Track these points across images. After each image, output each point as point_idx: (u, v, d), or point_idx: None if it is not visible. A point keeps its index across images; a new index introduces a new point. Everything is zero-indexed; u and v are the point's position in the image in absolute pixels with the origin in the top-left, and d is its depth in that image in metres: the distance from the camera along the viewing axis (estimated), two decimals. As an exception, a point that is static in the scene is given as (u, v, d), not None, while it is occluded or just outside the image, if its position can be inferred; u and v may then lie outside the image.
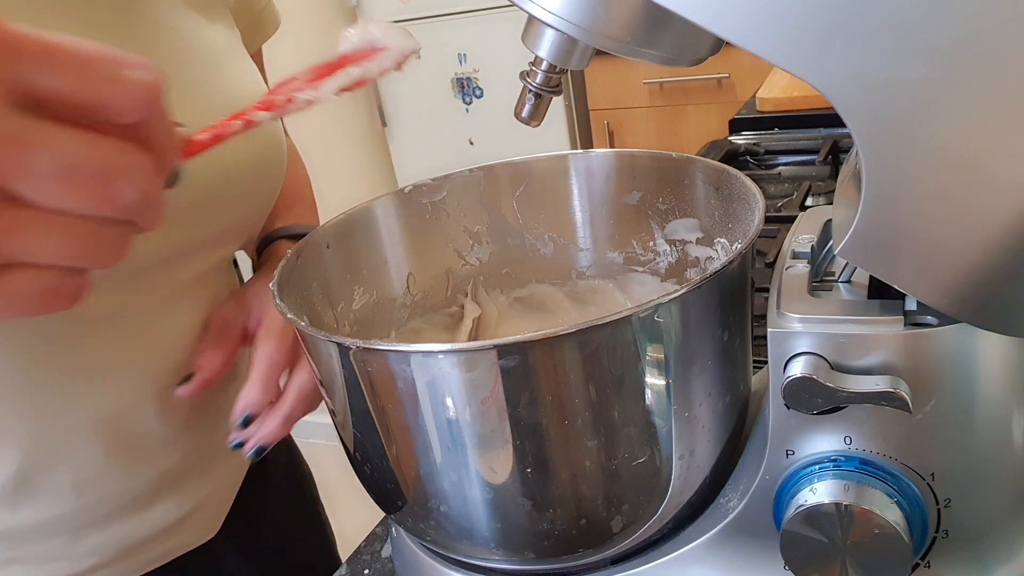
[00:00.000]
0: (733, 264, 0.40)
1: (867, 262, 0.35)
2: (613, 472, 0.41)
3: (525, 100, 0.41)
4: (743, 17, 0.30)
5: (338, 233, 0.53)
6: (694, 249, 0.55)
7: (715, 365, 0.41)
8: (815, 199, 0.95)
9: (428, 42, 2.28)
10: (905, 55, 0.29)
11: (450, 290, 0.60)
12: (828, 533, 0.39)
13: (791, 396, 0.38)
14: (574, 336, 0.36)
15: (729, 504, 0.44)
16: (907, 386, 0.37)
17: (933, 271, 0.33)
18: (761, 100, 1.27)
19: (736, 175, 0.49)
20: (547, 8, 0.35)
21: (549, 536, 0.42)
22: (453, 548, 0.46)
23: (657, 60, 0.36)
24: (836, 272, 0.42)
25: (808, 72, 0.30)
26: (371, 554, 0.57)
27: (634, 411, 0.40)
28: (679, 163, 0.54)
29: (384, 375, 0.39)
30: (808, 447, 0.40)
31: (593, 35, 0.35)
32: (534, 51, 0.38)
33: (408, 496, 0.44)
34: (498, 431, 0.39)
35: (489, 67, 2.27)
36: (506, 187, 0.59)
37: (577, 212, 0.59)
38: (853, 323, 0.38)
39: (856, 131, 0.31)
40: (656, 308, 0.37)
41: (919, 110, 0.30)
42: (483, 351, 0.37)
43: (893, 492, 0.38)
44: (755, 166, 1.13)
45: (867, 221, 0.33)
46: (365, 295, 0.55)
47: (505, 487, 0.40)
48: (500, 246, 0.60)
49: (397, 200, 0.56)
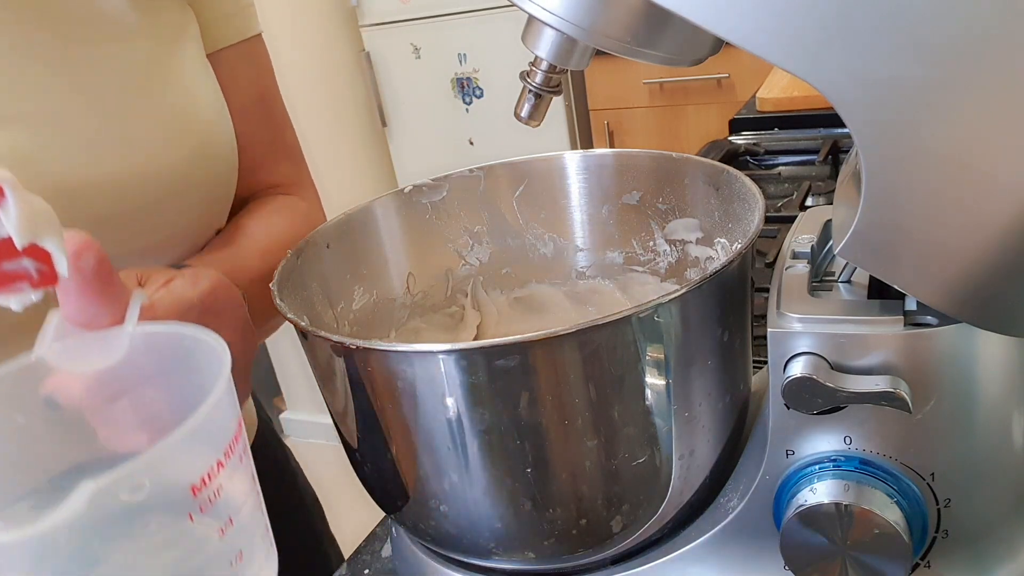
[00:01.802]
0: (733, 264, 0.40)
1: (867, 262, 0.35)
2: (613, 472, 0.41)
3: (525, 100, 0.41)
4: (743, 17, 0.30)
5: (338, 233, 0.53)
6: (694, 249, 0.55)
7: (715, 365, 0.41)
8: (815, 199, 0.95)
9: (428, 42, 2.29)
10: (905, 55, 0.29)
11: (450, 290, 0.60)
12: (828, 533, 0.39)
13: (791, 396, 0.38)
14: (574, 336, 0.36)
15: (729, 504, 0.44)
16: (907, 386, 0.37)
17: (933, 271, 0.33)
18: (761, 100, 1.27)
19: (736, 175, 0.49)
20: (547, 8, 0.35)
21: (549, 536, 0.42)
22: (453, 548, 0.46)
23: (657, 60, 0.36)
24: (836, 272, 0.42)
25: (808, 72, 0.30)
26: (371, 554, 0.57)
27: (634, 411, 0.40)
28: (679, 163, 0.54)
29: (384, 375, 0.39)
30: (808, 447, 0.40)
31: (593, 35, 0.35)
32: (534, 51, 0.38)
33: (408, 496, 0.44)
34: (498, 431, 0.39)
35: (489, 67, 2.26)
36: (506, 187, 0.59)
37: (577, 212, 0.59)
38: (853, 323, 0.38)
39: (856, 131, 0.31)
40: (656, 308, 0.37)
41: (919, 110, 0.30)
42: (483, 351, 0.37)
43: (893, 492, 0.38)
44: (755, 166, 1.13)
45: (867, 221, 0.33)
46: (365, 295, 0.55)
47: (505, 487, 0.40)
48: (500, 246, 0.60)
49: (397, 200, 0.56)
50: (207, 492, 0.31)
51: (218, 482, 0.32)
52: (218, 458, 0.32)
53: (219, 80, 0.61)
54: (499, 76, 2.25)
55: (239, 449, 0.34)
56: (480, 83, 2.29)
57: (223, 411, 0.33)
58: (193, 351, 0.36)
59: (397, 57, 2.34)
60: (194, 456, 0.32)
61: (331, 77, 2.36)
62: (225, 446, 0.33)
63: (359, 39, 2.37)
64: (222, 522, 0.33)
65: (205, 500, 0.31)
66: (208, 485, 0.31)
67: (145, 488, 0.29)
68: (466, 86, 2.32)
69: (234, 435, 0.33)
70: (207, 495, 0.31)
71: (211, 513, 0.32)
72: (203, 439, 0.32)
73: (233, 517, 0.33)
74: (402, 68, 2.36)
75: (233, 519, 0.33)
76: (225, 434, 0.33)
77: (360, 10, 2.31)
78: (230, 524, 0.33)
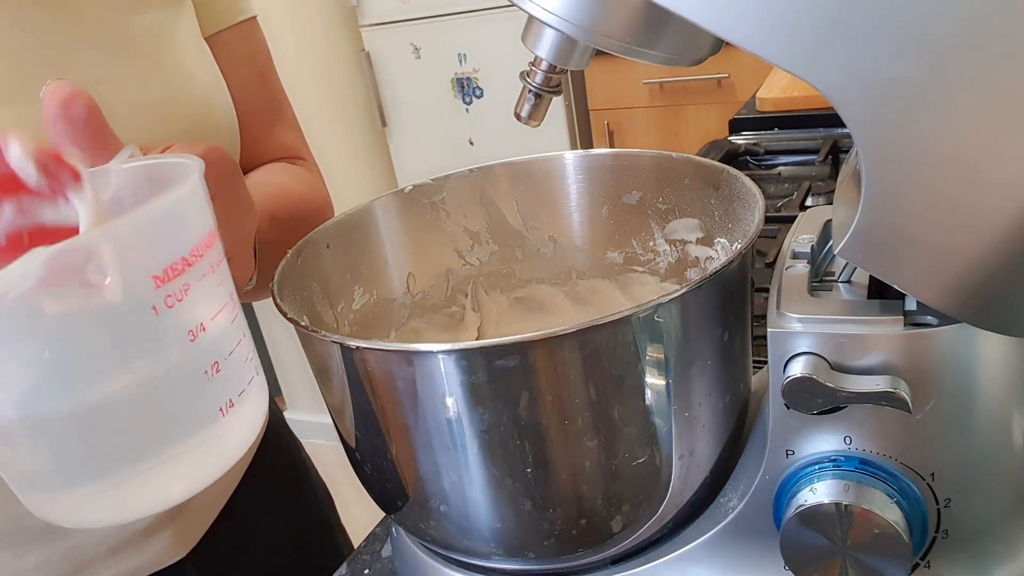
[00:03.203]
0: (733, 264, 0.40)
1: (867, 262, 0.35)
2: (613, 472, 0.41)
3: (525, 100, 0.41)
4: (743, 17, 0.30)
5: (338, 233, 0.53)
6: (694, 249, 0.55)
7: (715, 365, 0.41)
8: (815, 199, 0.95)
9: (428, 42, 2.29)
10: (905, 55, 0.29)
11: (450, 290, 0.60)
12: (828, 533, 0.39)
13: (791, 396, 0.38)
14: (574, 336, 0.36)
15: (729, 504, 0.44)
16: (907, 386, 0.37)
17: (933, 271, 0.33)
18: (761, 100, 1.27)
19: (736, 175, 0.49)
20: (547, 8, 0.35)
21: (549, 536, 0.42)
22: (453, 548, 0.46)
23: (657, 60, 0.36)
24: (836, 272, 0.42)
25: (808, 72, 0.30)
26: (371, 554, 0.57)
27: (634, 411, 0.40)
28: (679, 163, 0.54)
29: (384, 375, 0.39)
30: (808, 447, 0.40)
31: (593, 35, 0.35)
32: (534, 51, 0.38)
33: (408, 496, 0.44)
34: (498, 431, 0.39)
35: (489, 67, 2.27)
36: (506, 187, 0.59)
37: (577, 212, 0.59)
38: (853, 323, 0.38)
39: (856, 131, 0.31)
40: (656, 308, 0.37)
41: (919, 110, 0.30)
42: (483, 351, 0.37)
43: (893, 492, 0.38)
44: (755, 166, 1.13)
45: (867, 221, 0.33)
46: (365, 295, 0.55)
47: (505, 487, 0.40)
48: (500, 246, 0.60)
49: (397, 200, 0.56)
50: (172, 287, 0.31)
51: (184, 280, 0.31)
52: (183, 255, 0.31)
53: (218, 60, 0.63)
54: (499, 76, 2.25)
55: (211, 261, 0.33)
56: (480, 83, 2.30)
57: (188, 213, 0.32)
58: (169, 173, 0.35)
59: (397, 57, 2.35)
60: (155, 247, 0.31)
61: (331, 77, 2.36)
62: (192, 247, 0.32)
63: (359, 39, 2.37)
64: (193, 326, 0.32)
65: (171, 295, 0.31)
66: (173, 280, 0.31)
67: (102, 265, 0.29)
68: (466, 86, 2.32)
69: (203, 241, 0.33)
70: (172, 290, 0.31)
71: (178, 313, 0.31)
72: (165, 232, 0.31)
73: (205, 324, 0.32)
74: (402, 68, 2.36)
75: (205, 327, 0.32)
76: (191, 235, 0.32)
77: (360, 10, 2.32)
78: (202, 330, 0.32)
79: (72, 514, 0.34)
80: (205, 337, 0.32)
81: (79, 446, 0.32)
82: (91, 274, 0.29)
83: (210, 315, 0.33)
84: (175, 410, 0.32)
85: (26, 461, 0.32)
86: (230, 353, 0.34)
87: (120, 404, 0.31)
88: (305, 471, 0.79)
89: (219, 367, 0.33)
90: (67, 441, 0.31)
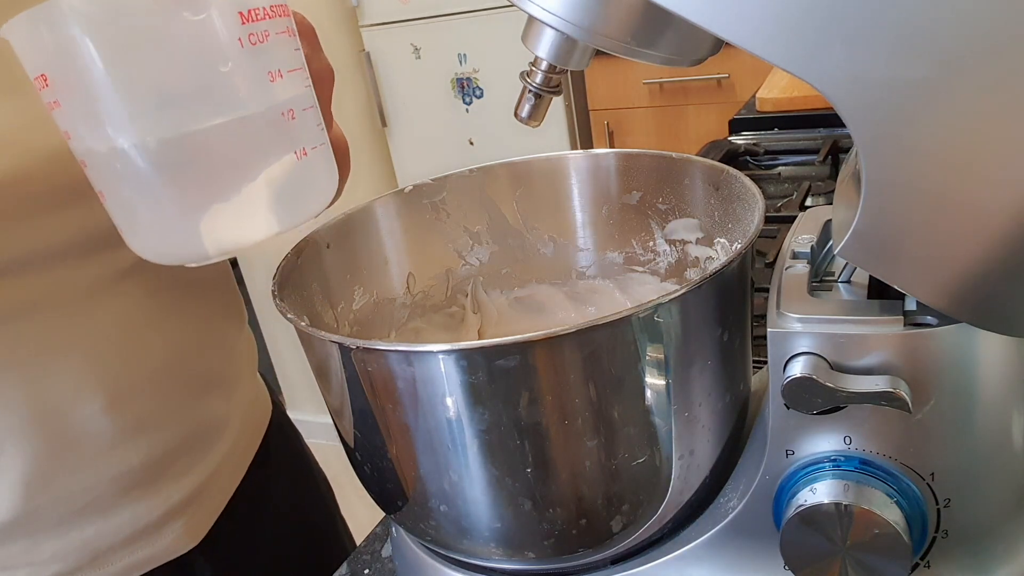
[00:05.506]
0: (733, 264, 0.40)
1: (867, 262, 0.35)
2: (613, 472, 0.41)
3: (525, 100, 0.41)
4: (742, 17, 0.30)
5: (338, 233, 0.53)
6: (694, 249, 0.55)
7: (715, 365, 0.42)
8: (815, 199, 0.95)
9: (428, 42, 2.29)
10: (905, 55, 0.29)
11: (450, 290, 0.60)
12: (828, 533, 0.39)
13: (791, 396, 0.38)
14: (574, 336, 0.36)
15: (729, 504, 0.44)
16: (907, 386, 0.37)
17: (933, 271, 0.33)
18: (761, 100, 1.27)
19: (736, 175, 0.49)
20: (547, 8, 0.35)
21: (549, 536, 0.42)
22: (453, 548, 0.46)
23: (657, 60, 0.36)
24: (836, 272, 0.42)
25: (808, 72, 0.30)
26: (371, 554, 0.57)
27: (634, 411, 0.40)
28: (679, 163, 0.54)
29: (384, 375, 0.39)
30: (808, 447, 0.40)
31: (593, 35, 0.35)
32: (534, 51, 0.38)
33: (408, 496, 0.44)
34: (498, 431, 0.39)
35: (489, 67, 2.27)
36: (506, 187, 0.59)
37: (577, 212, 0.59)
38: (853, 323, 0.38)
39: (856, 131, 0.31)
40: (656, 308, 0.37)
41: (919, 110, 0.30)
42: (483, 351, 0.37)
43: (893, 492, 0.38)
44: (755, 166, 1.13)
45: (866, 221, 0.33)
46: (365, 295, 0.55)
47: (505, 487, 0.40)
48: (500, 246, 0.60)
49: (397, 200, 0.56)
50: (255, 27, 0.35)
51: (265, 27, 0.36)
52: (263, 5, 0.36)
53: None
54: (499, 76, 2.25)
55: (288, 25, 0.38)
56: (480, 83, 2.29)
57: None
58: None
59: (397, 57, 2.35)
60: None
61: (331, 77, 2.35)
62: (272, 2, 0.36)
63: (359, 39, 2.37)
64: (272, 68, 0.36)
65: (253, 34, 0.35)
66: (255, 22, 0.35)
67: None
68: (466, 86, 2.32)
69: (281, 6, 0.37)
70: (255, 30, 0.35)
71: (259, 53, 0.35)
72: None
73: (283, 72, 0.37)
74: (402, 68, 2.36)
75: (283, 74, 0.37)
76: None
77: (360, 10, 2.32)
78: (279, 76, 0.37)
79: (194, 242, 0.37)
80: (281, 83, 0.37)
81: (186, 173, 0.36)
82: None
83: (287, 69, 0.37)
84: (259, 139, 0.37)
85: (135, 192, 0.36)
86: (304, 109, 0.38)
87: (213, 133, 0.35)
88: (308, 461, 0.80)
89: (294, 115, 0.38)
90: (179, 167, 0.36)
